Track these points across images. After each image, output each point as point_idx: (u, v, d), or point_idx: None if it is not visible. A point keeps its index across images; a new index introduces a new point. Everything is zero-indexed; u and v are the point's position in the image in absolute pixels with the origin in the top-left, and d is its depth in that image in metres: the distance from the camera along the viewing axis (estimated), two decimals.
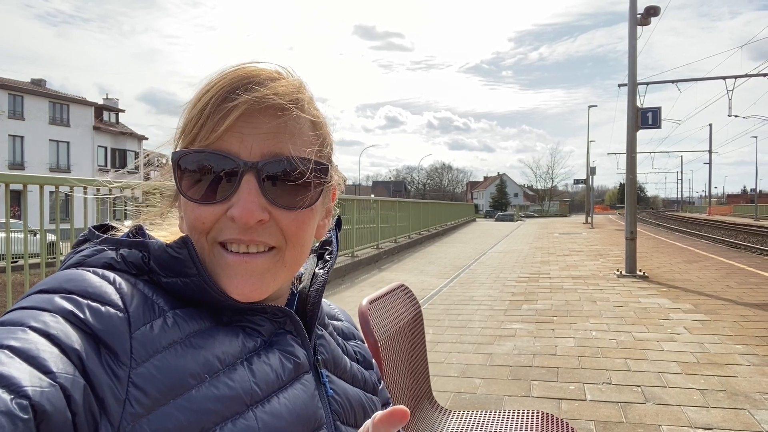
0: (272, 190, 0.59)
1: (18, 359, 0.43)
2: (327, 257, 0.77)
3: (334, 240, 0.78)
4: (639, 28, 9.56)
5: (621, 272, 9.47)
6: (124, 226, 0.67)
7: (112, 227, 0.67)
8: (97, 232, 0.63)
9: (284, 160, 0.59)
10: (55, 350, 0.45)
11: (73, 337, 0.47)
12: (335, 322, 0.81)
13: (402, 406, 0.50)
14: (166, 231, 0.69)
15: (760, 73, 14.07)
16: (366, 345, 0.85)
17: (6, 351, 0.43)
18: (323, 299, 0.79)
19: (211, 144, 0.58)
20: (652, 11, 9.37)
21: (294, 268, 0.64)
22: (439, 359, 4.55)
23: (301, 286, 0.73)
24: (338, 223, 0.79)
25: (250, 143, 0.58)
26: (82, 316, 0.49)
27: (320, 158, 0.63)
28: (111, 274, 0.55)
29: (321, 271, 0.74)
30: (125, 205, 0.77)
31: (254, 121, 0.58)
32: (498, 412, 2.00)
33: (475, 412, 2.04)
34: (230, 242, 0.59)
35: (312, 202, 0.62)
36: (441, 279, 9.45)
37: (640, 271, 9.38)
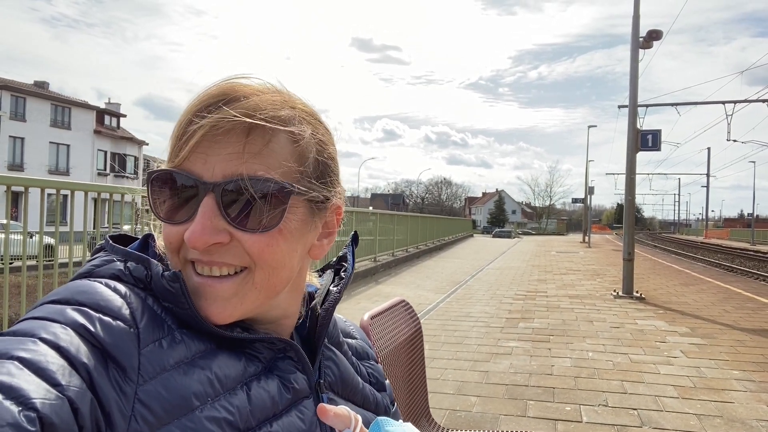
0: (234, 210, 0.57)
1: (27, 371, 0.42)
2: (342, 274, 0.76)
3: (350, 257, 0.77)
4: (641, 51, 9.65)
5: (618, 293, 9.46)
6: (138, 236, 0.67)
7: (130, 238, 0.67)
8: (111, 242, 0.63)
9: (244, 180, 0.56)
10: (64, 363, 0.45)
11: (82, 350, 0.47)
12: (350, 341, 0.80)
13: (321, 405, 0.58)
14: None
15: (760, 99, 14.19)
16: (380, 365, 0.83)
17: (16, 362, 0.43)
18: (340, 315, 0.78)
19: (177, 165, 0.58)
20: (655, 35, 9.47)
21: (268, 290, 0.61)
22: (434, 375, 4.52)
23: (314, 302, 0.72)
24: (355, 239, 0.78)
25: (212, 164, 0.57)
26: (92, 329, 0.49)
27: (299, 175, 0.61)
28: (123, 288, 0.55)
29: (335, 288, 0.73)
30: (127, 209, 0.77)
31: (218, 142, 0.57)
32: (494, 431, 1.98)
33: (471, 431, 2.02)
34: (195, 262, 0.58)
35: (273, 225, 0.58)
36: (438, 294, 9.42)
37: (637, 292, 9.37)
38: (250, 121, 0.57)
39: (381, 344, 1.56)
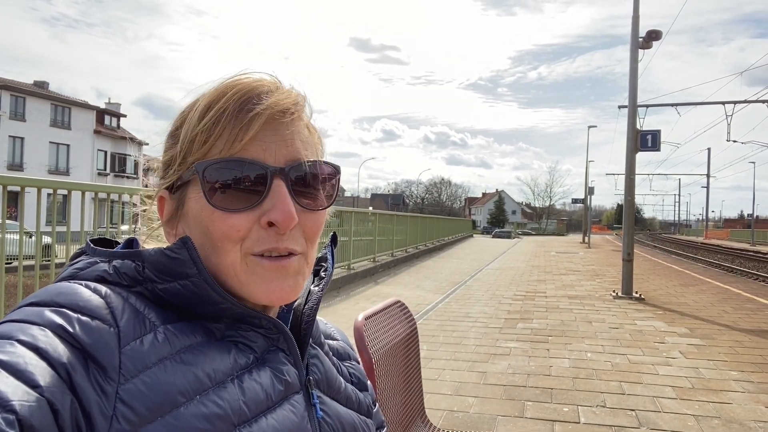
0: (297, 193, 0.61)
1: (5, 373, 0.42)
2: (323, 274, 0.76)
3: (330, 257, 0.78)
4: (640, 51, 9.65)
5: (617, 293, 9.45)
6: (121, 240, 0.67)
7: (111, 241, 0.67)
8: (92, 245, 0.62)
9: (306, 164, 0.62)
10: (43, 364, 0.44)
11: (61, 351, 0.46)
12: (331, 342, 0.80)
13: None
14: (161, 243, 0.68)
15: (760, 99, 14.19)
16: (361, 366, 0.83)
17: None
18: (320, 318, 0.78)
19: (235, 153, 0.59)
20: (654, 35, 9.47)
21: (311, 268, 0.67)
22: (432, 376, 4.51)
23: (296, 303, 0.72)
24: (334, 240, 0.78)
25: (273, 150, 0.60)
26: (71, 330, 0.48)
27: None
28: (102, 288, 0.54)
29: (316, 288, 0.73)
30: (123, 208, 0.77)
31: (272, 128, 0.60)
32: None
33: None
34: (267, 252, 0.60)
35: (332, 201, 0.66)
36: (437, 294, 9.42)
37: (636, 293, 9.36)
38: (295, 109, 0.62)
39: (376, 345, 1.56)
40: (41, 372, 0.43)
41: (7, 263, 3.23)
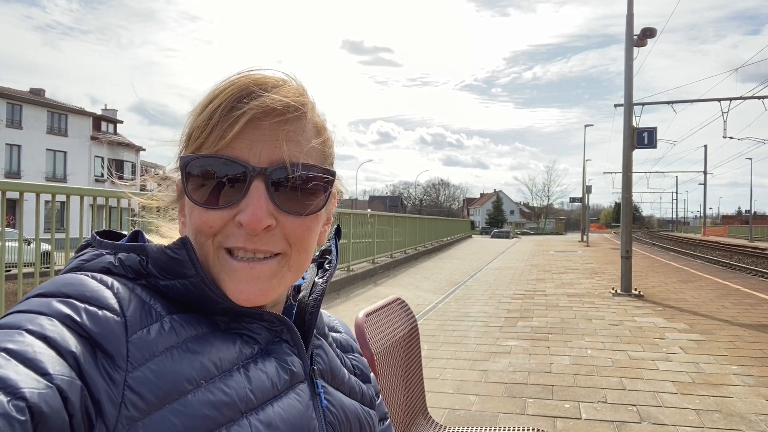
0: (279, 195, 0.59)
1: (15, 361, 0.43)
2: (327, 266, 0.77)
3: (334, 249, 0.78)
4: (635, 49, 9.68)
5: (616, 291, 9.47)
6: (126, 233, 0.68)
7: (116, 233, 0.67)
8: (98, 237, 0.63)
9: (292, 167, 0.59)
10: (51, 353, 0.45)
11: (69, 340, 0.47)
12: (334, 334, 0.81)
13: None
14: (165, 238, 0.69)
15: (755, 95, 14.24)
16: (364, 358, 0.84)
17: (3, 353, 0.43)
18: (324, 311, 0.78)
19: (220, 150, 0.59)
20: (649, 33, 9.50)
21: (298, 272, 0.65)
22: (434, 375, 4.52)
23: (300, 295, 0.73)
24: (338, 232, 0.79)
25: (258, 149, 0.59)
26: (78, 319, 0.49)
27: (325, 164, 0.64)
28: (109, 279, 0.55)
29: (320, 280, 0.74)
30: (120, 215, 0.78)
31: (261, 128, 0.59)
32: (493, 429, 1.98)
33: (469, 428, 2.02)
34: (236, 250, 0.59)
35: (318, 209, 0.63)
36: (437, 294, 9.42)
37: (636, 290, 9.38)
38: (291, 108, 0.60)
39: (376, 342, 1.57)
40: (50, 360, 0.44)
41: (6, 271, 3.23)
